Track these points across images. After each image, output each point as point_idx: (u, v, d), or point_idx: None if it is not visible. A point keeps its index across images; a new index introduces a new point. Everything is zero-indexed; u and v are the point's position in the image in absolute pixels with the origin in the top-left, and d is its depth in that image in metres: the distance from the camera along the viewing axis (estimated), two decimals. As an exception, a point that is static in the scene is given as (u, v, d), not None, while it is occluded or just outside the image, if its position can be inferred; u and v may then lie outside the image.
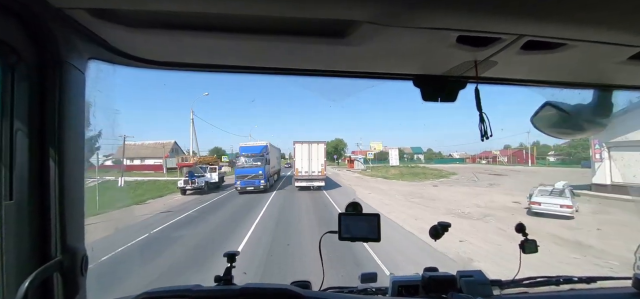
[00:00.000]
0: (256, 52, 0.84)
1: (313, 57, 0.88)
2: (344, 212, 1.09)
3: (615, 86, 1.07)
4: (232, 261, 1.13)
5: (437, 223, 1.25)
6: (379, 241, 1.04)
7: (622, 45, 0.72)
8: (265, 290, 0.91)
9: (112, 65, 0.89)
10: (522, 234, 1.28)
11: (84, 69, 0.83)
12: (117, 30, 0.72)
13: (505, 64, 0.86)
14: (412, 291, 1.21)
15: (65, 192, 0.76)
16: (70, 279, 0.77)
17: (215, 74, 0.99)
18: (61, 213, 0.75)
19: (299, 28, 0.71)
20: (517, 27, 0.66)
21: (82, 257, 0.80)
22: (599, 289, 1.28)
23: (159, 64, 0.90)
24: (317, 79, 1.00)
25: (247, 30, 0.71)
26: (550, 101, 1.11)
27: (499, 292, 1.23)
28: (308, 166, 18.54)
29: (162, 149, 39.03)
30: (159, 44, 0.82)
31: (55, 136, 0.74)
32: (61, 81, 0.75)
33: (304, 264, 5.87)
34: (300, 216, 11.11)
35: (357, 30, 0.67)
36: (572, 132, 1.19)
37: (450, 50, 0.77)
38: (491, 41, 0.72)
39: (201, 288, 0.93)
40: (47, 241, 0.73)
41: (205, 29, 0.71)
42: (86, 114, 0.85)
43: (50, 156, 0.73)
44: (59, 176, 0.74)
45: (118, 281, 5.16)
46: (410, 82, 1.01)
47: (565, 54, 0.76)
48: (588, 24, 0.64)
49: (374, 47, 0.77)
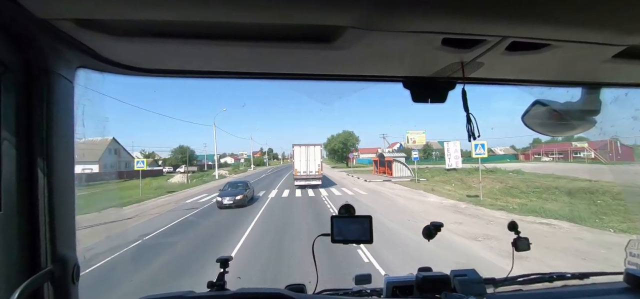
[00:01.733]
0: (244, 58, 0.84)
1: (301, 62, 0.88)
2: (337, 215, 1.09)
3: (601, 83, 1.09)
4: (225, 267, 1.13)
5: (430, 223, 1.25)
6: (371, 243, 1.04)
7: (606, 44, 0.73)
8: (258, 295, 0.91)
9: (101, 73, 0.89)
10: (515, 232, 1.29)
11: (72, 78, 0.83)
12: (104, 40, 0.72)
13: (492, 65, 0.87)
14: (406, 292, 1.21)
15: (55, 201, 0.76)
16: (61, 289, 0.77)
17: (205, 80, 0.99)
18: (51, 223, 0.74)
19: (285, 34, 0.71)
20: (501, 28, 0.67)
21: (74, 266, 0.80)
22: (592, 285, 1.30)
23: (148, 71, 0.90)
24: (307, 83, 1.01)
25: (233, 37, 0.72)
26: (539, 100, 1.12)
27: (492, 290, 1.24)
28: (306, 167, 20.57)
29: (96, 149, 32.68)
30: (147, 52, 0.82)
31: (44, 145, 0.73)
32: (49, 91, 0.75)
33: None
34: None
35: (343, 35, 0.68)
36: (562, 130, 1.21)
37: (436, 53, 0.78)
38: (476, 43, 0.73)
39: (194, 295, 0.92)
40: (37, 251, 0.73)
41: (193, 37, 0.72)
42: (76, 122, 0.85)
43: (39, 166, 0.73)
44: (48, 185, 0.74)
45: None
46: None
47: (550, 54, 0.77)
48: (571, 25, 0.65)
49: (360, 51, 0.78)
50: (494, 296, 1.20)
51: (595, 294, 1.23)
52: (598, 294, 1.23)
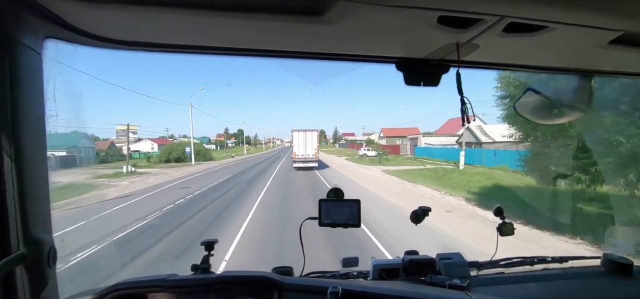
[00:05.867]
0: (228, 31, 0.79)
1: (290, 37, 0.83)
2: (325, 198, 1.08)
3: (594, 71, 1.08)
4: (210, 250, 1.12)
5: (418, 208, 1.26)
6: (358, 227, 1.04)
7: (602, 28, 0.72)
8: (243, 278, 0.90)
9: (72, 45, 0.82)
10: (500, 217, 1.32)
11: (39, 49, 0.76)
12: (72, 6, 0.66)
13: (487, 48, 0.84)
14: (392, 274, 1.23)
15: (25, 182, 0.71)
16: (37, 272, 0.74)
17: (188, 55, 0.92)
18: (22, 205, 0.70)
19: (272, 3, 0.66)
20: (499, 7, 0.64)
21: (50, 249, 0.77)
22: (571, 268, 1.35)
23: (123, 43, 0.83)
24: (296, 61, 0.96)
25: (217, 7, 0.66)
26: (532, 87, 1.11)
27: (476, 273, 1.27)
28: (304, 151, 22.93)
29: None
30: (123, 22, 0.76)
31: (8, 121, 0.68)
32: (12, 61, 0.68)
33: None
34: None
35: (334, 6, 0.64)
36: (554, 117, 1.21)
37: (431, 32, 0.75)
38: (473, 22, 0.70)
39: (176, 277, 0.91)
40: (7, 235, 0.69)
41: (172, 5, 0.66)
42: (46, 98, 0.79)
43: (4, 144, 0.67)
44: (15, 165, 0.69)
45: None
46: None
47: (545, 37, 0.76)
48: (570, 6, 0.63)
49: (353, 27, 0.74)
50: (477, 279, 1.23)
51: (575, 277, 1.28)
52: (577, 277, 1.28)
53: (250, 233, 7.05)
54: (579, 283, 1.24)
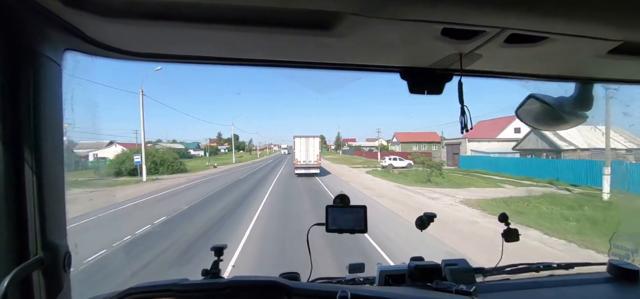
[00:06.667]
0: (239, 43, 0.82)
1: (299, 49, 0.86)
2: (332, 204, 1.10)
3: (596, 79, 1.10)
4: (219, 255, 1.13)
5: (423, 214, 1.27)
6: (365, 232, 1.06)
7: (602, 39, 0.74)
8: (252, 282, 0.91)
9: (90, 56, 0.86)
10: (505, 223, 1.32)
11: (59, 60, 0.80)
12: (92, 20, 0.69)
13: (490, 57, 0.87)
14: (398, 280, 1.24)
15: (44, 189, 0.74)
16: (53, 276, 0.76)
17: (199, 66, 0.96)
18: (41, 211, 0.73)
19: (283, 20, 0.69)
20: (501, 20, 0.66)
21: (65, 253, 0.79)
22: (576, 275, 1.34)
23: (138, 55, 0.87)
24: (305, 71, 0.99)
25: (229, 21, 0.69)
26: (533, 94, 1.13)
27: (482, 279, 1.28)
28: (306, 157, 22.91)
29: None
30: (138, 35, 0.79)
31: (31, 130, 0.71)
32: (35, 74, 0.72)
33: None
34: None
35: (342, 22, 0.67)
36: (554, 125, 1.23)
37: (435, 43, 0.77)
38: (475, 34, 0.72)
39: (188, 282, 0.92)
40: (26, 240, 0.71)
41: (187, 20, 0.69)
42: (64, 107, 0.83)
43: (26, 152, 0.70)
44: (36, 172, 0.72)
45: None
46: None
47: (546, 48, 0.78)
48: (569, 18, 0.65)
49: (359, 39, 0.77)
50: (483, 285, 1.23)
51: (580, 283, 1.27)
52: (582, 283, 1.28)
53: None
54: (584, 290, 1.24)
